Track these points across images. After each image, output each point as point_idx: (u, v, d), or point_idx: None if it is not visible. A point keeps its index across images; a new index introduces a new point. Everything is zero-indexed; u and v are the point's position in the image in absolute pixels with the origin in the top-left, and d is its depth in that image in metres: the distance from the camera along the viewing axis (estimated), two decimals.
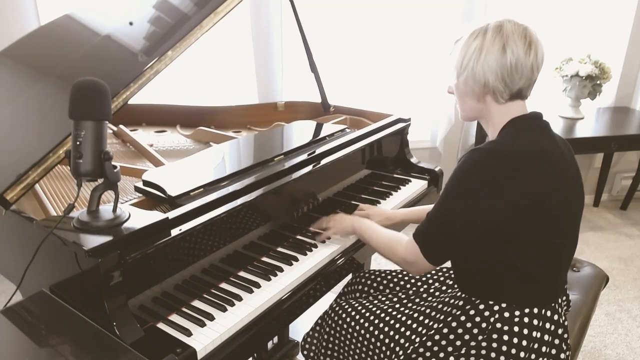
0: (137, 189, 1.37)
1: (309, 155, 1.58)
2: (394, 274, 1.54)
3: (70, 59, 1.60)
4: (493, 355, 1.13)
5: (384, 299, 1.44)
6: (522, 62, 1.06)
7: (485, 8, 2.85)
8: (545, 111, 1.20)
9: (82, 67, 1.55)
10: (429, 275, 1.49)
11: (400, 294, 1.46)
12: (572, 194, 1.14)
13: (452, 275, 1.43)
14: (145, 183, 1.35)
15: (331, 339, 1.42)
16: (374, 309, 1.37)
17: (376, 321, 1.33)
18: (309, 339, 1.54)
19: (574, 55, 2.96)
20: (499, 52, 1.06)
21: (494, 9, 2.88)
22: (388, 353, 1.28)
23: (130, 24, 1.62)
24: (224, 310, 1.17)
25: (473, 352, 1.16)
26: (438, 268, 1.49)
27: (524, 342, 1.12)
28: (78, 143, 1.05)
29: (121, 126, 1.95)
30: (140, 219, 1.14)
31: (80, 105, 1.05)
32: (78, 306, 1.11)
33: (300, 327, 1.98)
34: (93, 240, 1.04)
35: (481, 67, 1.08)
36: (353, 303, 1.42)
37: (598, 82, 2.89)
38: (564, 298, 1.25)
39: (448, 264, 1.27)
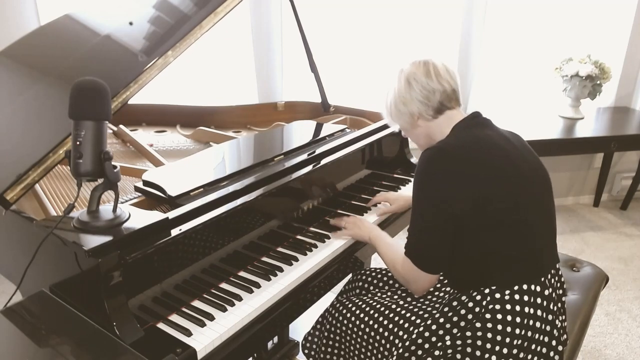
0: (137, 189, 1.37)
1: (309, 155, 1.58)
2: (390, 273, 1.55)
3: (70, 59, 1.60)
4: (490, 336, 1.15)
5: (384, 295, 1.45)
6: (428, 85, 1.24)
7: (485, 8, 2.85)
8: (545, 111, 1.24)
9: (82, 67, 1.55)
10: None
11: (399, 291, 1.47)
12: (528, 175, 1.20)
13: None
14: (145, 183, 1.35)
15: (332, 335, 1.43)
16: (374, 303, 1.39)
17: (376, 315, 1.35)
18: (309, 338, 1.55)
19: (574, 55, 2.95)
20: (405, 86, 1.26)
21: (494, 9, 2.88)
22: (388, 346, 1.30)
23: (130, 24, 1.62)
24: (224, 310, 1.17)
25: (469, 334, 1.18)
26: None
27: (518, 319, 1.15)
28: (78, 143, 1.05)
29: (121, 126, 1.95)
30: (140, 219, 1.14)
31: (80, 105, 1.05)
32: (78, 306, 1.11)
33: (300, 327, 1.98)
34: (93, 240, 1.04)
35: (401, 103, 1.27)
36: (353, 299, 1.43)
37: (598, 82, 2.89)
38: (556, 276, 1.25)
39: None
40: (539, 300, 1.17)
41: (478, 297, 1.18)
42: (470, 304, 1.18)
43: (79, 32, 1.76)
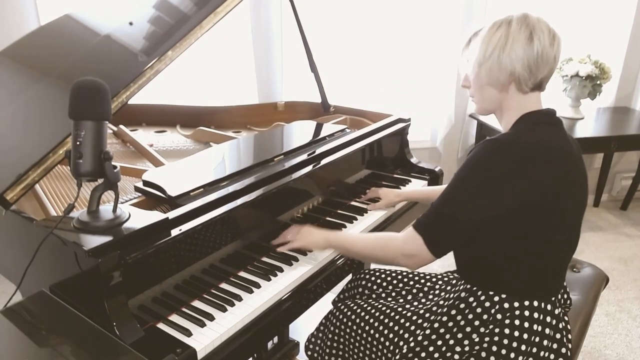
0: (137, 189, 1.37)
1: (309, 155, 1.58)
2: (394, 273, 1.54)
3: (70, 59, 1.60)
4: (494, 348, 1.14)
5: (388, 297, 1.45)
6: (548, 52, 1.08)
7: (485, 8, 2.85)
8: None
9: (82, 67, 1.54)
10: (433, 274, 1.50)
11: (403, 292, 1.46)
12: (579, 191, 1.15)
13: (457, 275, 1.43)
14: (145, 183, 1.35)
15: (336, 337, 1.42)
16: (380, 306, 1.37)
17: (381, 317, 1.34)
18: (313, 339, 1.54)
19: (574, 55, 2.96)
20: (526, 41, 1.07)
21: (494, 9, 2.88)
22: (392, 348, 1.28)
23: (130, 24, 1.62)
24: (224, 310, 1.17)
25: (476, 342, 1.16)
26: (444, 271, 1.49)
27: (525, 335, 1.13)
28: (78, 143, 1.05)
29: (121, 126, 1.95)
30: (140, 219, 1.14)
31: (80, 105, 1.05)
32: (78, 306, 1.11)
33: (300, 327, 1.98)
34: (93, 240, 1.04)
35: (507, 56, 1.08)
36: (358, 301, 1.43)
37: (598, 82, 2.89)
38: (564, 294, 1.26)
39: (453, 266, 1.28)
40: (548, 319, 1.15)
41: (487, 304, 1.16)
42: (479, 310, 1.16)
43: (79, 32, 1.76)
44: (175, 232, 1.15)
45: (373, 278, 1.55)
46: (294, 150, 1.63)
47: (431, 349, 1.21)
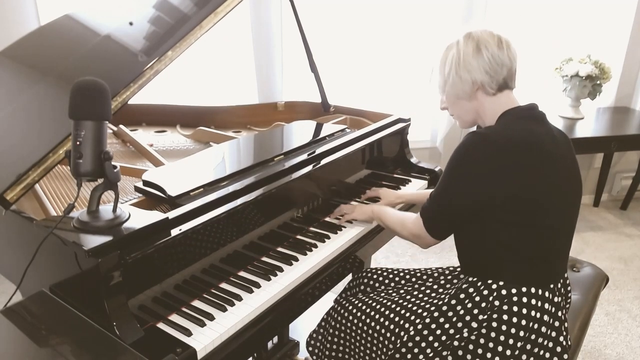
0: (137, 189, 1.37)
1: (309, 155, 1.58)
2: (396, 271, 1.55)
3: (71, 59, 1.60)
4: (493, 334, 1.16)
5: (390, 290, 1.46)
6: (498, 55, 1.17)
7: (485, 8, 2.85)
8: (545, 111, 1.25)
9: (82, 67, 1.55)
10: (434, 269, 1.51)
11: (406, 286, 1.48)
12: (565, 182, 1.19)
13: (459, 275, 1.44)
14: (145, 183, 1.35)
15: (337, 332, 1.44)
16: (380, 299, 1.39)
17: (382, 309, 1.35)
18: (314, 335, 1.56)
19: (574, 55, 2.96)
20: (474, 52, 1.18)
21: (494, 9, 2.88)
22: (392, 339, 1.30)
23: (130, 24, 1.62)
24: (224, 310, 1.17)
25: (475, 332, 1.18)
26: (445, 267, 1.50)
27: (523, 322, 1.15)
28: (78, 143, 1.05)
29: (121, 126, 1.95)
30: (140, 219, 1.14)
31: (80, 105, 1.05)
32: (78, 306, 1.11)
33: (300, 327, 1.98)
34: (93, 240, 1.04)
35: (464, 69, 1.19)
36: (360, 296, 1.44)
37: (598, 82, 2.89)
38: (564, 285, 1.26)
39: (455, 263, 1.32)
40: (546, 306, 1.17)
41: (485, 292, 1.18)
42: (477, 298, 1.19)
43: (79, 32, 1.76)
44: (175, 232, 1.15)
45: (375, 276, 1.56)
46: (294, 150, 1.63)
47: (431, 338, 1.23)
